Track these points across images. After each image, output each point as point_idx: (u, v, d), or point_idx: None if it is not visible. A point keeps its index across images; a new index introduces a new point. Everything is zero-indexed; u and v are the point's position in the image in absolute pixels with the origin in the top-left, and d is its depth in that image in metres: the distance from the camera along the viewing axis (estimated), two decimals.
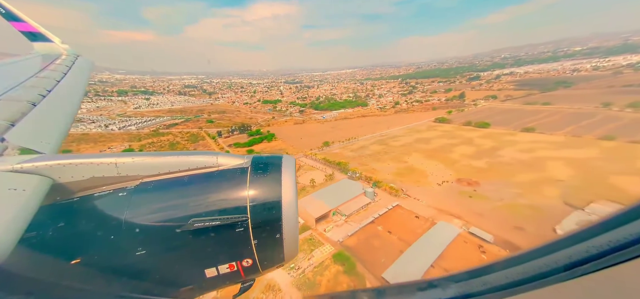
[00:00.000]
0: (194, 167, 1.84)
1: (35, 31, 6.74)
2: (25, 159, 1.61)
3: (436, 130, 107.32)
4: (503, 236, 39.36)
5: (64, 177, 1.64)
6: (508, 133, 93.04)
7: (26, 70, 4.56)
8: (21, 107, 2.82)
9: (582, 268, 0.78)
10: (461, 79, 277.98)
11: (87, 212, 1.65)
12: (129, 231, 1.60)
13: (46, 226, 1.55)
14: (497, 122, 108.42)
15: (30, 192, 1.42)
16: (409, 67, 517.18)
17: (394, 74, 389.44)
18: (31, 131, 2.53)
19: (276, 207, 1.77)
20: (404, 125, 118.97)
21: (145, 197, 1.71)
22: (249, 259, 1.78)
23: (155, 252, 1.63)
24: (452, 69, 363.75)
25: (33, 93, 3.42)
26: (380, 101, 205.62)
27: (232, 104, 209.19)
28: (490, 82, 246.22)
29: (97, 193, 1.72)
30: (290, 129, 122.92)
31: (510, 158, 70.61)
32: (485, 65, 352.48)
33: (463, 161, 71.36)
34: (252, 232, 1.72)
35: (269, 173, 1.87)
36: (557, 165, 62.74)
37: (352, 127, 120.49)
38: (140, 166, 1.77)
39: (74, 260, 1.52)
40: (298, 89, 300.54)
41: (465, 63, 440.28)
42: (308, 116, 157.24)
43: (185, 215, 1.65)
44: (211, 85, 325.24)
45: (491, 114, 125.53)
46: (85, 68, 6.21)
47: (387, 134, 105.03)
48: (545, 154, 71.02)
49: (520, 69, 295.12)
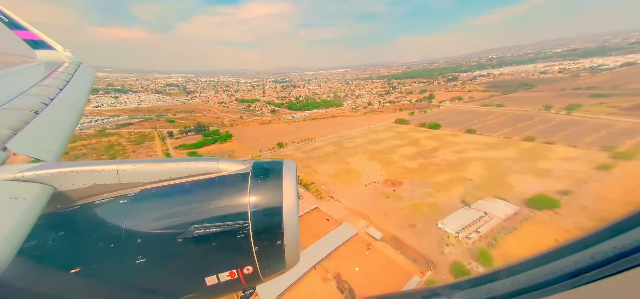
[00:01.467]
0: (195, 173, 1.85)
1: (37, 39, 6.85)
2: (26, 168, 1.61)
3: (392, 131, 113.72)
4: (394, 234, 44.59)
5: (65, 185, 1.64)
6: (452, 134, 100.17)
7: (29, 79, 4.61)
8: (24, 116, 2.85)
9: (588, 275, 0.77)
10: (441, 80, 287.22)
11: (88, 221, 1.65)
12: (129, 239, 1.59)
13: (46, 235, 1.54)
14: (449, 123, 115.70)
15: (31, 201, 1.41)
16: (400, 67, 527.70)
17: (383, 74, 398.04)
18: (33, 140, 2.55)
19: (277, 213, 1.76)
20: (366, 126, 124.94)
21: (146, 205, 1.72)
22: (250, 267, 1.77)
23: (156, 260, 1.62)
24: (439, 69, 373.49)
25: (36, 102, 3.47)
26: (356, 101, 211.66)
27: (206, 103, 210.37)
28: (466, 83, 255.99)
29: (98, 201, 1.72)
30: (253, 130, 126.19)
31: (441, 159, 77.29)
32: (470, 66, 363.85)
33: (399, 162, 77.60)
34: (253, 238, 1.70)
35: (269, 178, 1.86)
36: (476, 165, 69.63)
37: (318, 127, 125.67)
38: (141, 172, 1.78)
39: (74, 269, 1.51)
40: (283, 88, 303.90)
41: (453, 63, 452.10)
42: (279, 115, 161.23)
43: (186, 222, 1.65)
44: (196, 84, 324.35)
45: (449, 115, 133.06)
46: (88, 76, 6.32)
47: (346, 135, 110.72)
48: (473, 154, 78.01)
49: (497, 70, 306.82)
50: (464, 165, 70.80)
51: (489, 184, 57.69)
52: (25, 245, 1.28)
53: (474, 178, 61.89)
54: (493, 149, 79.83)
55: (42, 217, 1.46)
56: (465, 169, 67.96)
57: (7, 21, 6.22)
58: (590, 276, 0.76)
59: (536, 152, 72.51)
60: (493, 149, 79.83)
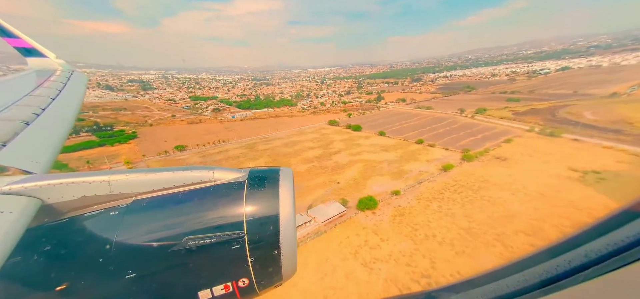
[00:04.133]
0: (190, 182, 1.80)
1: (29, 47, 6.76)
2: (14, 180, 1.57)
3: (318, 133, 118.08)
4: None
5: (53, 197, 1.57)
6: (365, 137, 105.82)
7: (21, 89, 4.55)
8: (14, 127, 2.80)
9: (583, 274, 0.78)
10: (408, 80, 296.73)
11: (76, 234, 1.58)
12: (119, 253, 1.51)
13: (31, 250, 1.46)
14: (373, 125, 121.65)
15: (16, 214, 1.37)
16: (384, 66, 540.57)
17: (365, 74, 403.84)
18: (23, 151, 2.49)
19: (274, 222, 1.72)
20: (300, 127, 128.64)
21: (138, 216, 1.66)
22: (245, 279, 1.71)
23: (147, 274, 1.55)
24: (415, 69, 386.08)
25: (27, 112, 3.42)
26: (314, 101, 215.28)
27: (151, 101, 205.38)
28: (425, 84, 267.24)
29: (88, 213, 1.66)
30: (172, 130, 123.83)
31: (334, 162, 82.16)
32: (447, 66, 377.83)
33: (296, 165, 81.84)
34: (248, 249, 1.66)
35: (266, 187, 1.82)
36: (356, 167, 74.83)
37: (250, 128, 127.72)
38: (133, 183, 1.72)
39: (60, 286, 1.42)
40: (256, 86, 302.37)
41: (432, 63, 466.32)
42: (220, 115, 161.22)
43: (179, 233, 1.59)
44: (166, 81, 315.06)
45: (382, 117, 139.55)
46: (80, 84, 6.20)
47: (270, 137, 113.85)
48: (365, 157, 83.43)
49: (461, 71, 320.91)
50: (347, 167, 75.83)
51: (351, 187, 62.74)
52: (8, 261, 1.22)
53: (342, 181, 66.96)
54: (385, 152, 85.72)
55: (28, 232, 1.39)
56: (345, 172, 72.93)
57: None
58: (585, 275, 0.77)
59: (414, 154, 78.94)
60: (385, 152, 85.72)
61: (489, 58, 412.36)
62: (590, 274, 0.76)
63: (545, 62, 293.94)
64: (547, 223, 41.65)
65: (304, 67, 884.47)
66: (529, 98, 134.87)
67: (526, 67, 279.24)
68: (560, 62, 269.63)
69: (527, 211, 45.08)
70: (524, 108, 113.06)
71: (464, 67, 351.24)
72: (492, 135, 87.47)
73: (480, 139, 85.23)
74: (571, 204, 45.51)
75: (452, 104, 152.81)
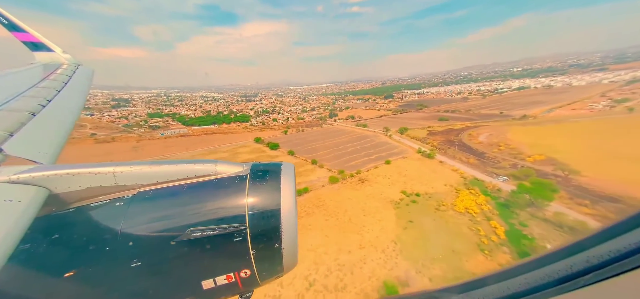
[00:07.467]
0: (193, 175, 1.85)
1: (36, 41, 6.86)
2: (22, 170, 1.61)
3: (232, 151, 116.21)
4: None
5: (60, 187, 1.63)
6: (275, 155, 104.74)
7: (27, 81, 4.60)
8: (21, 118, 2.87)
9: (584, 279, 0.78)
10: (382, 97, 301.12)
11: (83, 223, 1.64)
12: (125, 242, 1.57)
13: (40, 238, 1.52)
14: (297, 143, 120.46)
15: (25, 203, 1.41)
16: (377, 82, 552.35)
17: (356, 89, 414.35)
18: (30, 141, 2.55)
19: (275, 215, 1.76)
20: (221, 145, 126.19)
21: (143, 207, 1.70)
22: (247, 270, 1.76)
23: (152, 263, 1.60)
24: (403, 86, 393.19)
25: (33, 103, 3.47)
26: (276, 116, 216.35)
27: (99, 118, 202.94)
28: (394, 101, 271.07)
29: (94, 203, 1.71)
30: (73, 151, 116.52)
31: None
32: (435, 83, 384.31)
33: None
34: (250, 241, 1.70)
35: (267, 180, 1.86)
36: None
37: (168, 147, 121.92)
38: (138, 175, 1.77)
39: (69, 272, 1.48)
40: (239, 101, 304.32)
41: (426, 79, 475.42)
42: (154, 133, 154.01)
43: (183, 224, 1.64)
44: (153, 100, 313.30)
45: (315, 134, 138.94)
46: (86, 77, 6.33)
47: (187, 155, 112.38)
48: None
49: (435, 89, 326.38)
50: None
51: None
52: (19, 248, 1.27)
53: None
54: None
55: (36, 220, 1.43)
56: None
57: (6, 23, 6.26)
58: (585, 279, 0.77)
59: (298, 173, 77.47)
60: None
61: (479, 75, 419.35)
62: (592, 279, 0.76)
63: (513, 81, 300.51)
64: None
65: (303, 84, 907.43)
66: (460, 118, 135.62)
67: (489, 87, 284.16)
68: (520, 82, 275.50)
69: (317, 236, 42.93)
70: (442, 128, 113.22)
71: (446, 84, 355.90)
72: (390, 154, 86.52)
73: (375, 158, 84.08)
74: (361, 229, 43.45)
75: (395, 122, 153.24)
